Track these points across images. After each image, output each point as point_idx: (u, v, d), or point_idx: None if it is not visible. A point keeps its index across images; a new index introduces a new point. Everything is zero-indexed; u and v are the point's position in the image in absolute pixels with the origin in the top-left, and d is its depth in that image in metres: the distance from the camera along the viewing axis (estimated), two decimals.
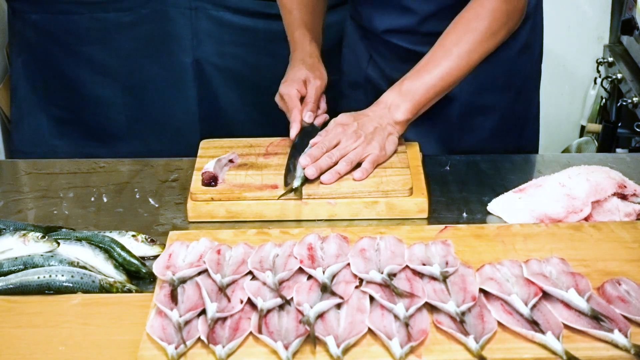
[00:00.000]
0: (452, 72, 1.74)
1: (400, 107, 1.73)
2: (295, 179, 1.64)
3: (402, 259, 1.38)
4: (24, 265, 1.44)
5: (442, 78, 1.74)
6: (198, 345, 1.23)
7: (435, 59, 1.75)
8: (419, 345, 1.21)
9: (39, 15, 2.84)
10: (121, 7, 2.83)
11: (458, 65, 1.74)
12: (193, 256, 1.41)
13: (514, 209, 1.62)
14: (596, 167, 1.67)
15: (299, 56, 1.92)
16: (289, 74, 1.88)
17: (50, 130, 2.93)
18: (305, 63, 1.89)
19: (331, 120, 1.76)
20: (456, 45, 1.74)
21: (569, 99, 3.54)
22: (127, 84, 2.90)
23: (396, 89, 1.75)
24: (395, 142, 1.73)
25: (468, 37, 1.74)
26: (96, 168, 1.86)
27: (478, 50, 1.74)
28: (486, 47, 1.75)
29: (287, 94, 1.83)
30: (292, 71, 1.89)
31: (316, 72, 1.87)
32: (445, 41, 1.76)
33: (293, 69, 1.89)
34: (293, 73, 1.87)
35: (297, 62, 1.90)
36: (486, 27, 1.74)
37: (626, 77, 3.08)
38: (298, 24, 1.95)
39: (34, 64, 2.88)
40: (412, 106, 1.73)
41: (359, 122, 1.72)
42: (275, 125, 1.91)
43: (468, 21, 1.75)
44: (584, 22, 3.42)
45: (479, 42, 1.74)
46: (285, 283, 1.34)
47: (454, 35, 1.75)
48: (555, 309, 1.27)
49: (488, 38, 1.75)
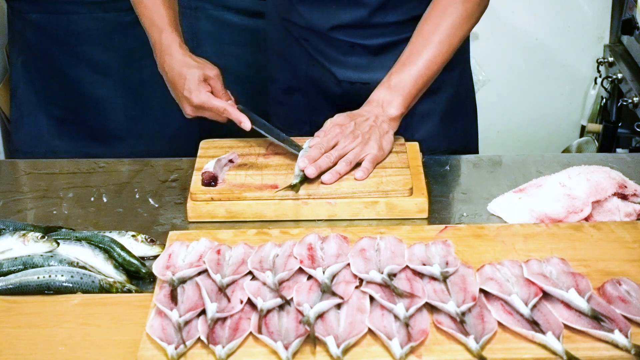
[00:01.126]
0: (436, 59, 1.75)
1: (393, 102, 1.74)
2: (294, 177, 1.64)
3: (402, 259, 1.38)
4: (24, 266, 1.44)
5: (427, 67, 1.75)
6: (198, 345, 1.23)
7: (417, 49, 1.75)
8: (419, 346, 1.21)
9: (39, 15, 2.83)
10: (121, 7, 2.82)
11: (440, 51, 1.75)
12: (193, 256, 1.41)
13: (514, 209, 1.62)
14: (596, 167, 1.67)
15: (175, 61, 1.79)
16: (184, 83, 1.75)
17: (50, 130, 2.93)
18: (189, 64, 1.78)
19: (327, 121, 1.76)
20: (435, 32, 1.75)
21: (569, 99, 3.54)
22: (127, 84, 2.89)
23: (385, 85, 1.76)
24: (392, 140, 1.74)
25: (445, 22, 1.75)
26: (96, 168, 1.86)
27: (457, 34, 1.76)
28: (465, 29, 1.77)
29: (205, 101, 1.74)
30: (184, 79, 1.76)
31: (206, 65, 1.80)
32: (423, 30, 1.77)
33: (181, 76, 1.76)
34: (187, 80, 1.75)
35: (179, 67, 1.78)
36: (462, 10, 1.75)
37: (626, 77, 3.08)
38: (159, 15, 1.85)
39: (34, 64, 2.88)
40: (404, 100, 1.74)
41: (355, 121, 1.72)
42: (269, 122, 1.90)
43: (443, 7, 1.76)
44: (584, 22, 3.42)
45: (457, 26, 1.75)
46: (285, 283, 1.34)
47: (431, 22, 1.76)
48: (556, 309, 1.27)
49: (465, 20, 1.76)
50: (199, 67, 1.79)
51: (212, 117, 1.79)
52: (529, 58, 3.50)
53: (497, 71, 3.45)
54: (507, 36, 3.45)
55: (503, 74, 3.49)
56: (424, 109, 1.93)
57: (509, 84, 3.52)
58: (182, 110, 1.81)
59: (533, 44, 3.48)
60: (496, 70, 3.43)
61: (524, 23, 3.44)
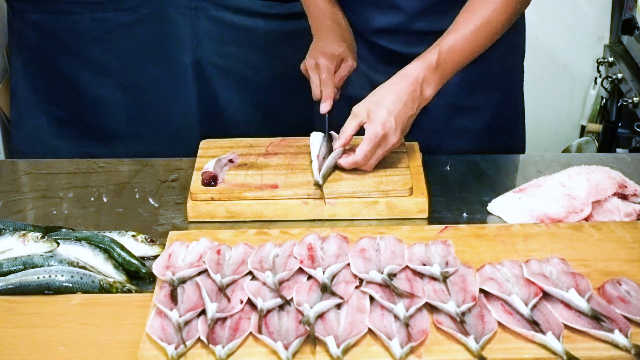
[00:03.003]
0: (479, 38, 1.71)
1: (431, 82, 1.69)
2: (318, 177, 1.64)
3: (402, 259, 1.38)
4: (24, 266, 1.44)
5: (466, 52, 1.71)
6: (198, 345, 1.23)
7: (458, 28, 1.71)
8: (419, 346, 1.21)
9: (39, 15, 2.83)
10: (121, 7, 2.83)
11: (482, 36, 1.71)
12: (193, 256, 1.41)
13: (514, 209, 1.62)
14: (596, 167, 1.67)
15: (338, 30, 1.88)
16: (328, 46, 1.84)
17: (50, 130, 2.93)
18: (347, 41, 1.87)
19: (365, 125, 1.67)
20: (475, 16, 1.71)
21: (569, 99, 3.54)
22: (127, 84, 2.90)
23: (426, 61, 1.69)
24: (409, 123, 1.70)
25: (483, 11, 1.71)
26: (96, 168, 1.86)
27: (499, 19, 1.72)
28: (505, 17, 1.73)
29: (327, 66, 1.80)
30: (332, 44, 1.85)
31: (351, 54, 1.87)
32: (469, 8, 1.73)
33: (331, 41, 1.86)
34: (334, 46, 1.84)
35: (338, 36, 1.87)
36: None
37: (626, 77, 3.08)
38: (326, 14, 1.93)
39: (34, 64, 2.88)
40: (442, 80, 1.71)
41: (395, 118, 1.64)
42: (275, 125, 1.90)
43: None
44: (584, 22, 3.41)
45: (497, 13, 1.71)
46: (285, 283, 1.34)
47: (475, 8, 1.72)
48: (556, 309, 1.27)
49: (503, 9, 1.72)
50: (348, 48, 1.86)
51: (312, 84, 1.81)
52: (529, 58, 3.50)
53: None
54: None
55: None
56: (461, 125, 1.94)
57: None
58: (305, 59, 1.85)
59: (533, 44, 3.47)
60: None
61: None
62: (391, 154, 1.72)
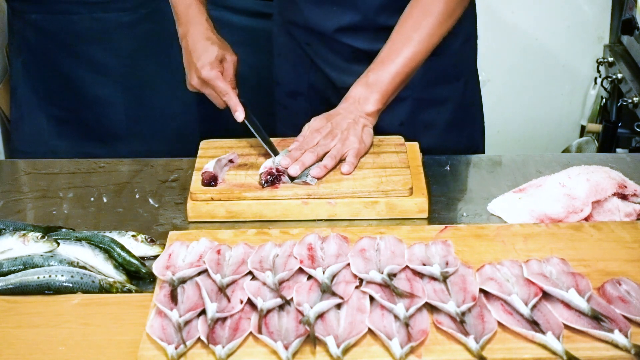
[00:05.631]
0: (415, 57, 1.75)
1: (369, 99, 1.74)
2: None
3: (402, 259, 1.38)
4: (24, 266, 1.44)
5: (405, 65, 1.75)
6: (198, 345, 1.23)
7: (397, 46, 1.75)
8: (419, 346, 1.21)
9: (38, 15, 2.83)
10: (121, 7, 2.83)
11: (419, 50, 1.75)
12: (193, 256, 1.41)
13: (514, 209, 1.62)
14: (596, 167, 1.67)
15: (198, 32, 1.84)
16: (201, 55, 1.79)
17: (50, 130, 2.93)
18: (212, 40, 1.83)
19: (305, 126, 1.76)
20: (415, 30, 1.75)
21: (569, 99, 3.54)
22: (127, 84, 2.89)
23: (362, 81, 1.76)
24: (371, 133, 1.74)
25: (427, 21, 1.74)
26: (96, 168, 1.86)
27: (437, 33, 1.76)
28: (445, 28, 1.77)
29: (213, 78, 1.78)
30: (202, 51, 1.80)
31: (227, 49, 1.84)
32: (403, 27, 1.76)
33: (200, 48, 1.81)
34: (205, 53, 1.80)
35: (202, 40, 1.82)
36: (443, 9, 1.75)
37: (626, 77, 3.08)
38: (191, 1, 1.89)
39: (33, 64, 2.88)
40: (381, 96, 1.74)
41: (332, 122, 1.72)
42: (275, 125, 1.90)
43: (424, 5, 1.75)
44: (584, 22, 3.42)
45: (437, 25, 1.75)
46: (285, 283, 1.34)
47: (412, 20, 1.76)
48: (556, 309, 1.27)
49: (446, 19, 1.76)
50: (220, 46, 1.83)
51: (211, 97, 1.82)
52: (529, 58, 3.50)
53: (497, 71, 3.45)
54: (507, 36, 3.45)
55: (503, 74, 3.49)
56: (428, 118, 1.94)
57: (509, 84, 3.52)
58: (187, 79, 1.83)
59: (533, 44, 3.48)
60: (496, 70, 3.43)
61: (524, 23, 3.44)
62: (391, 154, 1.72)
